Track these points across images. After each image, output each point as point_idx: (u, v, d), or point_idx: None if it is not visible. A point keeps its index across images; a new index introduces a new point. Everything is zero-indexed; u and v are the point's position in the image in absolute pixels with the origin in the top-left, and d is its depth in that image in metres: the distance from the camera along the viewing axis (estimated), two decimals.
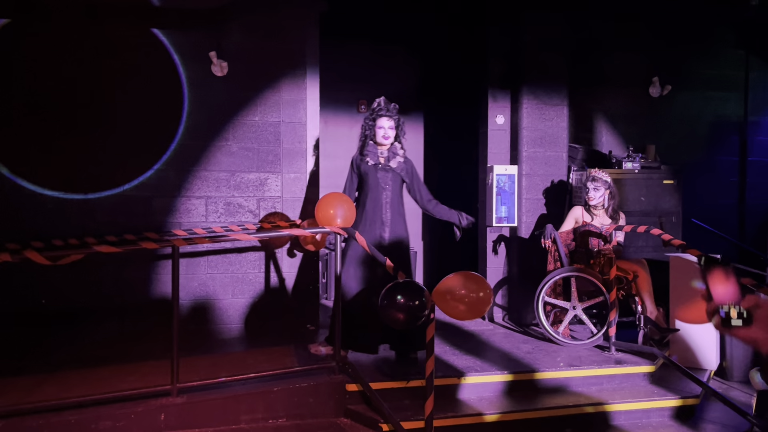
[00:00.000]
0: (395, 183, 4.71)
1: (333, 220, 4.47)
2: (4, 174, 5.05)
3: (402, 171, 4.72)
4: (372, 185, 4.66)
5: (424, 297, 3.40)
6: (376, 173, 4.65)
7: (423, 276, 7.82)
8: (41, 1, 5.07)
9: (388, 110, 4.66)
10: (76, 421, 3.67)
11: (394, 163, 4.69)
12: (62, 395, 3.89)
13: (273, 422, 4.00)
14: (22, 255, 3.70)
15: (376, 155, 4.68)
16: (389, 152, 4.69)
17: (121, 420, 3.73)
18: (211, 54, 5.32)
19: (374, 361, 4.67)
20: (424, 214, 7.87)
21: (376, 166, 4.67)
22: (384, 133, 4.64)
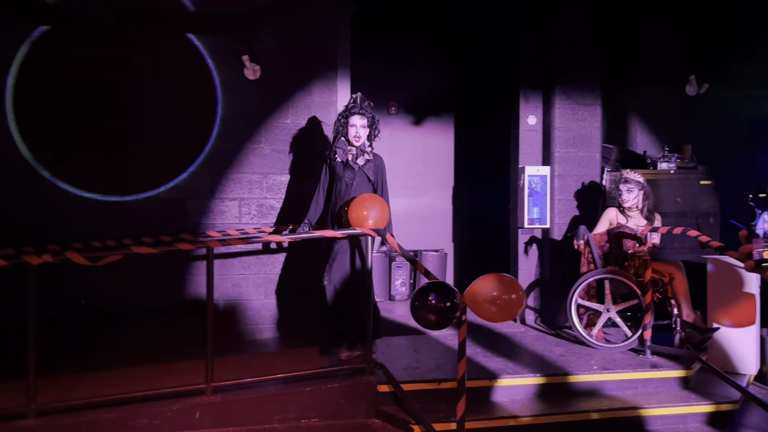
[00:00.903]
0: (361, 182, 4.64)
1: (365, 221, 4.47)
2: (46, 177, 5.18)
3: (369, 170, 4.66)
4: (338, 182, 4.64)
5: (456, 298, 3.39)
6: (343, 170, 4.63)
7: (453, 277, 7.79)
8: (80, 8, 5.19)
9: (362, 108, 4.63)
10: (114, 418, 3.75)
11: (361, 161, 4.63)
12: (100, 393, 3.99)
13: (305, 422, 4.03)
14: (63, 256, 3.80)
15: (345, 152, 4.64)
16: (358, 150, 4.65)
17: (158, 418, 3.80)
18: (243, 58, 5.39)
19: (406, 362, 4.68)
20: (455, 214, 7.89)
21: (344, 163, 4.63)
22: (355, 132, 4.59)
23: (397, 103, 7.73)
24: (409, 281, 7.42)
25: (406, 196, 7.76)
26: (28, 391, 3.65)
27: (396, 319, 6.35)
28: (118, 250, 4.37)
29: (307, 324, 5.56)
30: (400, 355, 4.95)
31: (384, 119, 7.72)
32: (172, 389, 4.00)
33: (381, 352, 4.93)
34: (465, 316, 3.46)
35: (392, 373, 4.23)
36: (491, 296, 3.44)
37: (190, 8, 5.40)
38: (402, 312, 6.71)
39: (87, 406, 3.81)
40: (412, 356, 4.91)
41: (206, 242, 4.07)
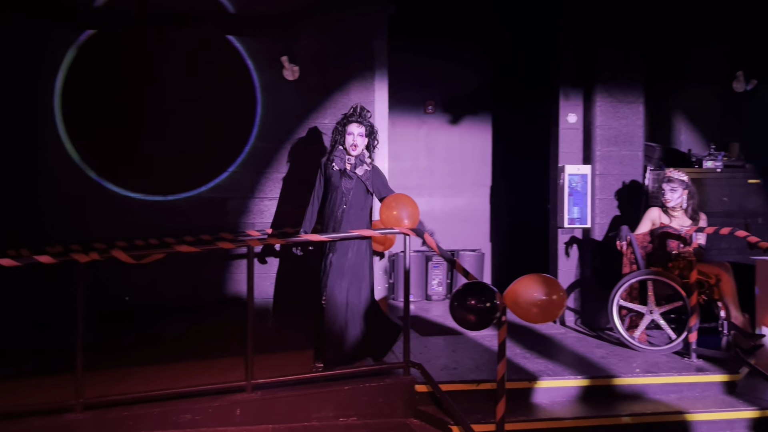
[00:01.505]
0: (358, 191, 4.54)
1: (400, 221, 4.47)
2: (92, 177, 5.32)
3: (367, 180, 4.57)
4: (333, 191, 4.54)
5: (496, 299, 3.36)
6: (340, 179, 4.52)
7: (491, 278, 7.73)
8: (125, 11, 5.31)
9: (361, 116, 4.54)
10: (158, 413, 3.83)
11: (360, 171, 4.54)
12: (144, 388, 4.08)
13: (343, 421, 4.04)
14: (109, 254, 3.90)
15: (342, 161, 4.54)
16: (356, 159, 4.57)
17: (199, 414, 3.87)
18: (282, 58, 5.44)
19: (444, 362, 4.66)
20: (492, 213, 7.82)
21: (341, 171, 4.53)
22: (353, 140, 4.49)
23: (434, 101, 7.71)
24: (446, 281, 7.39)
25: (443, 196, 7.72)
26: (76, 385, 3.75)
27: (433, 319, 6.33)
28: (161, 249, 4.45)
29: None
30: (438, 355, 4.94)
31: (421, 118, 7.71)
32: (213, 386, 4.07)
33: (419, 352, 4.92)
34: (505, 317, 3.44)
35: (430, 373, 4.21)
36: (532, 297, 3.41)
37: (230, 10, 5.47)
38: (439, 312, 6.68)
39: (131, 401, 3.91)
40: (449, 356, 4.89)
41: (247, 241, 4.13)
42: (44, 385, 4.27)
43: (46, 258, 3.83)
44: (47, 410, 3.83)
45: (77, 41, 5.27)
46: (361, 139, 4.52)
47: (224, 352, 4.83)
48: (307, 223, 4.66)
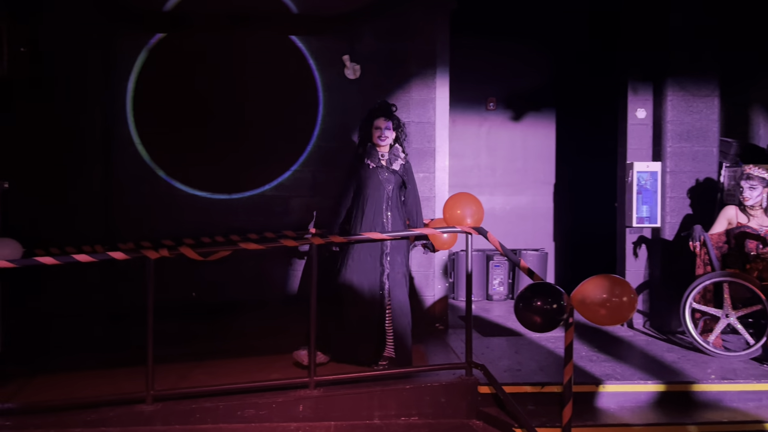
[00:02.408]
0: (396, 186, 4.49)
1: (463, 219, 4.42)
2: (161, 176, 5.50)
3: (403, 173, 4.51)
4: (372, 189, 4.43)
5: (563, 300, 3.27)
6: (377, 176, 4.43)
7: (554, 278, 7.56)
8: (192, 14, 5.46)
9: (386, 110, 4.47)
10: (224, 407, 3.91)
11: (396, 166, 4.48)
12: (210, 383, 4.19)
13: (405, 420, 4.02)
14: (178, 251, 4.01)
15: (376, 157, 4.46)
16: (390, 154, 4.48)
17: (264, 409, 3.93)
18: (344, 57, 5.48)
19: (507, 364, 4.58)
20: (556, 212, 7.65)
21: (378, 168, 4.44)
22: (380, 134, 4.41)
23: (496, 98, 7.59)
24: (508, 281, 7.27)
25: (504, 194, 7.60)
26: (147, 378, 3.87)
27: (494, 320, 6.24)
28: (227, 246, 4.55)
29: None
30: (501, 356, 4.86)
31: (482, 115, 7.60)
32: (277, 381, 4.13)
33: (480, 353, 4.85)
34: (572, 319, 3.33)
35: (493, 374, 4.14)
36: (601, 298, 3.29)
37: (293, 11, 5.54)
38: (500, 312, 6.58)
39: (199, 395, 4.00)
40: (513, 358, 4.80)
41: (310, 239, 4.16)
42: (116, 376, 4.43)
43: (119, 254, 3.97)
44: (119, 401, 3.98)
45: (148, 45, 5.45)
46: (389, 132, 4.45)
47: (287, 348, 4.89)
48: (337, 223, 4.57)
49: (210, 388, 4.06)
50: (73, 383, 4.40)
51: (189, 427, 3.86)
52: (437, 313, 5.69)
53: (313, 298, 4.05)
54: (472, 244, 4.27)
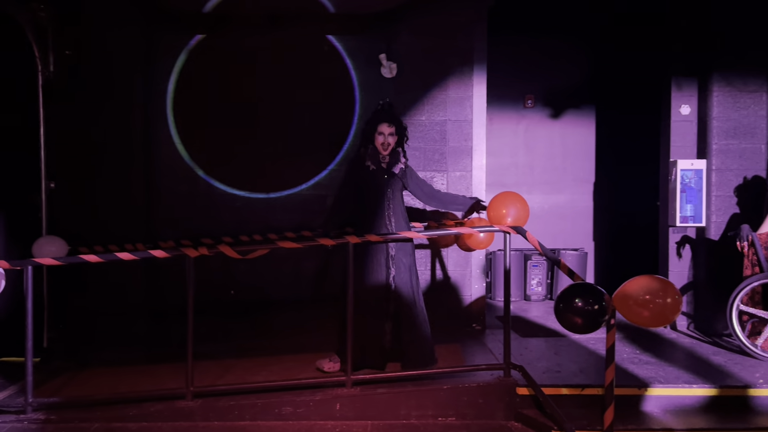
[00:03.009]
0: (397, 189, 4.45)
1: (504, 218, 4.36)
2: (200, 176, 5.58)
3: (403, 176, 4.46)
4: (374, 192, 4.40)
5: (604, 301, 3.19)
6: (379, 179, 4.39)
7: (594, 278, 7.42)
8: (230, 17, 5.52)
9: (390, 115, 4.40)
10: (262, 404, 3.95)
11: (396, 169, 4.43)
12: (249, 380, 4.24)
13: (442, 420, 4.00)
14: (217, 249, 4.06)
15: (377, 160, 4.40)
16: (391, 157, 4.43)
17: (301, 407, 3.95)
18: (381, 56, 5.47)
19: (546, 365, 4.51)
20: (595, 211, 7.51)
21: (379, 171, 4.40)
22: (383, 140, 4.35)
23: (534, 96, 7.49)
24: (546, 281, 7.17)
25: (542, 192, 7.49)
26: (187, 374, 3.93)
27: (532, 320, 6.16)
28: (265, 245, 4.56)
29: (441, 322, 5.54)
30: (539, 357, 4.79)
31: (519, 113, 7.51)
32: (314, 380, 4.16)
33: (519, 354, 4.79)
34: (614, 320, 3.26)
35: (532, 376, 4.08)
36: (644, 299, 3.20)
37: (330, 10, 5.55)
38: (538, 312, 6.49)
39: (237, 391, 4.05)
40: (552, 359, 4.72)
41: (346, 238, 4.16)
42: (158, 372, 4.52)
43: (160, 252, 4.04)
44: (161, 396, 4.05)
45: (188, 46, 5.54)
46: (392, 137, 4.39)
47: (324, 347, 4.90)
48: (334, 222, 4.53)
49: (248, 386, 4.10)
50: (116, 379, 4.50)
51: (228, 423, 3.91)
52: (474, 313, 5.64)
53: (350, 297, 4.06)
54: (510, 243, 4.22)
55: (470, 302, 5.64)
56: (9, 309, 5.04)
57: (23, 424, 3.87)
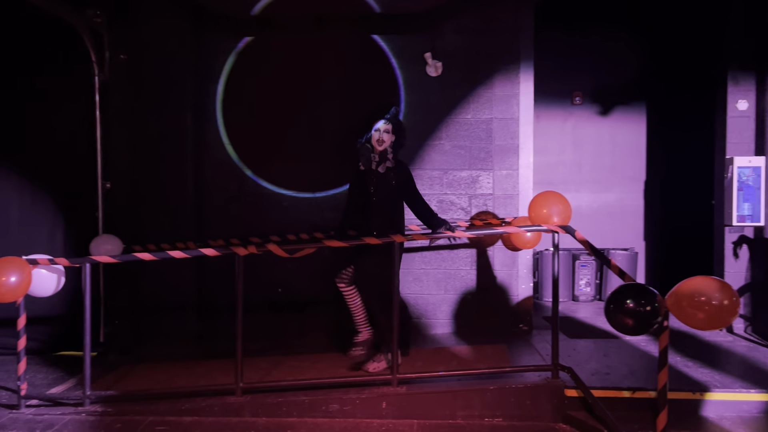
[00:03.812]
0: (384, 189, 4.43)
1: (549, 218, 4.31)
2: (248, 175, 5.66)
3: (393, 178, 4.43)
4: (362, 191, 4.48)
5: (657, 302, 3.12)
6: (366, 179, 4.47)
7: (645, 279, 7.24)
8: (276, 19, 5.59)
9: (386, 113, 4.45)
10: (309, 401, 4.00)
11: (382, 169, 4.43)
12: (296, 377, 4.29)
13: (489, 420, 3.97)
14: (265, 248, 4.13)
15: (368, 160, 4.46)
16: (381, 157, 4.45)
17: (348, 404, 3.99)
18: (426, 55, 5.46)
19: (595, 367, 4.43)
20: (646, 210, 7.34)
21: (367, 171, 4.47)
22: (378, 137, 4.41)
23: (582, 92, 7.35)
24: (595, 281, 7.03)
25: (591, 191, 7.35)
26: (236, 371, 4.01)
27: (581, 321, 6.04)
28: (312, 244, 4.62)
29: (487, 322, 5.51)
30: (588, 359, 4.70)
31: (567, 110, 7.39)
32: (360, 378, 4.18)
33: (567, 355, 4.71)
34: (667, 322, 3.18)
35: (580, 378, 4.01)
36: (699, 301, 3.11)
37: (376, 10, 5.56)
38: (587, 313, 6.37)
39: (285, 388, 4.13)
40: (601, 361, 4.63)
41: (392, 237, 4.17)
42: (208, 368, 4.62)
43: (210, 251, 4.13)
44: (211, 392, 4.15)
45: (236, 49, 5.63)
46: (387, 135, 4.43)
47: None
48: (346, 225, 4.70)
49: (296, 383, 4.16)
50: (169, 373, 4.63)
51: (276, 419, 3.97)
52: (521, 313, 5.57)
53: (396, 296, 4.07)
54: (558, 242, 4.16)
55: (517, 302, 5.58)
56: (68, 305, 5.25)
57: (81, 416, 4.02)
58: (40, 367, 4.97)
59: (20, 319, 4.08)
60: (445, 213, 5.61)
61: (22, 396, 4.14)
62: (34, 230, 5.35)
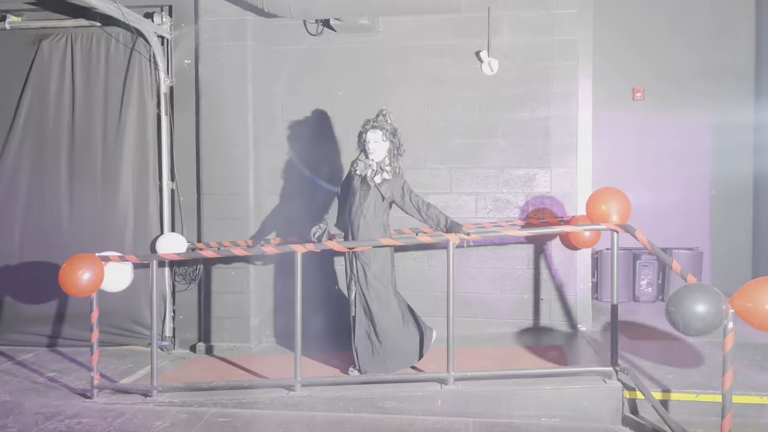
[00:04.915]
0: (373, 199, 4.36)
1: (607, 215, 4.23)
2: (306, 175, 5.78)
3: (386, 190, 4.35)
4: (351, 196, 4.45)
5: (722, 303, 3.03)
6: (358, 185, 4.42)
7: (711, 280, 6.98)
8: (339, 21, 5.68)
9: (376, 122, 4.37)
10: (365, 397, 4.07)
11: (378, 179, 4.34)
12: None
13: (546, 421, 3.94)
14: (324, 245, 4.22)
15: (364, 166, 4.41)
16: (378, 166, 4.36)
17: (403, 401, 4.04)
18: (481, 53, 5.44)
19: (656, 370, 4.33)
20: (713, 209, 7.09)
21: (360, 177, 4.42)
22: (370, 146, 4.35)
23: (644, 87, 7.15)
24: (657, 281, 6.83)
25: (653, 189, 7.14)
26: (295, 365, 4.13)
27: (642, 322, 5.89)
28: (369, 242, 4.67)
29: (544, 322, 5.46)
30: (649, 360, 4.58)
31: (628, 106, 7.20)
32: (415, 375, 4.22)
33: (627, 357, 4.61)
34: (732, 324, 3.08)
35: (640, 379, 3.93)
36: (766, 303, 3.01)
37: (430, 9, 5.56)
38: (648, 314, 6.20)
39: (342, 383, 4.21)
40: (662, 363, 4.51)
41: (445, 236, 4.19)
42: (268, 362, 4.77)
43: (270, 248, 4.27)
44: (271, 385, 4.28)
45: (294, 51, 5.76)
46: (376, 144, 4.35)
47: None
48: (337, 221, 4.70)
49: (352, 378, 4.24)
50: (230, 367, 4.81)
51: (333, 414, 4.06)
52: (579, 313, 5.49)
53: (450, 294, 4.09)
54: (618, 242, 4.08)
55: (574, 303, 5.49)
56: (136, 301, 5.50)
57: (149, 406, 4.21)
58: (111, 359, 5.23)
59: (93, 313, 4.30)
60: (501, 212, 5.59)
61: (95, 386, 4.37)
62: (106, 229, 5.62)
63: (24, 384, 4.70)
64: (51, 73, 5.73)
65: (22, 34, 5.86)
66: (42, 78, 5.75)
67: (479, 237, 4.42)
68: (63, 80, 5.73)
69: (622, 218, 4.19)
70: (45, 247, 5.64)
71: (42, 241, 5.66)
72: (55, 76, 5.74)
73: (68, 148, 5.71)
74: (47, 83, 5.74)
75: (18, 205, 5.72)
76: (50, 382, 4.73)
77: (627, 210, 4.25)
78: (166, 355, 5.39)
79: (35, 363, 5.20)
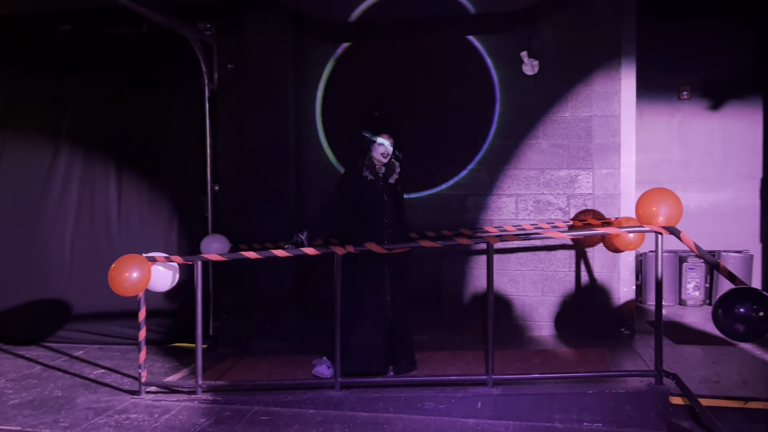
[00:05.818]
0: (395, 199, 4.48)
1: (654, 218, 4.13)
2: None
3: (399, 186, 4.53)
4: (371, 203, 4.38)
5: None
6: (375, 189, 4.38)
7: (761, 283, 6.77)
8: (373, 25, 5.72)
9: (389, 125, 4.41)
10: (405, 398, 4.09)
11: (392, 180, 4.46)
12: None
13: (588, 425, 3.88)
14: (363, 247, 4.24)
15: (375, 170, 4.39)
16: (387, 167, 4.41)
17: (443, 403, 4.03)
18: (522, 54, 5.40)
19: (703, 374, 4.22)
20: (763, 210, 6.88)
21: (376, 181, 4.38)
22: (383, 150, 4.37)
23: (690, 86, 6.98)
24: (705, 285, 6.65)
25: (700, 190, 6.96)
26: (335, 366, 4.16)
27: (688, 326, 5.75)
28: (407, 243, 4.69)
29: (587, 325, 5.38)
30: (696, 365, 4.48)
31: (673, 105, 7.04)
32: (456, 377, 4.23)
33: (672, 361, 4.51)
34: None
35: (687, 385, 3.84)
36: None
37: (471, 11, 5.56)
38: (695, 318, 6.05)
39: (382, 384, 4.25)
40: (710, 368, 4.41)
41: (486, 237, 4.18)
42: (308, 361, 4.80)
43: (310, 250, 4.31)
44: (312, 385, 4.34)
45: (334, 55, 5.82)
46: (390, 149, 4.40)
47: (465, 345, 4.97)
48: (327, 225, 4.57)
49: (392, 379, 4.26)
50: (272, 366, 4.88)
51: (373, 414, 4.08)
52: (622, 316, 5.39)
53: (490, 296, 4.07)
54: (662, 244, 3.99)
55: (618, 305, 5.40)
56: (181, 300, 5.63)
57: (194, 404, 4.31)
58: (157, 357, 5.37)
59: (141, 311, 4.43)
60: (542, 213, 5.54)
61: (142, 383, 4.50)
62: (152, 230, 5.79)
63: (75, 380, 4.87)
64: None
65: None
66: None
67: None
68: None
69: (672, 220, 4.07)
70: (94, 248, 5.83)
71: (92, 242, 5.86)
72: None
73: (118, 151, 5.89)
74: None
75: (69, 209, 5.91)
76: (100, 379, 4.88)
77: (678, 211, 4.12)
78: (211, 354, 5.51)
79: (86, 360, 5.38)
